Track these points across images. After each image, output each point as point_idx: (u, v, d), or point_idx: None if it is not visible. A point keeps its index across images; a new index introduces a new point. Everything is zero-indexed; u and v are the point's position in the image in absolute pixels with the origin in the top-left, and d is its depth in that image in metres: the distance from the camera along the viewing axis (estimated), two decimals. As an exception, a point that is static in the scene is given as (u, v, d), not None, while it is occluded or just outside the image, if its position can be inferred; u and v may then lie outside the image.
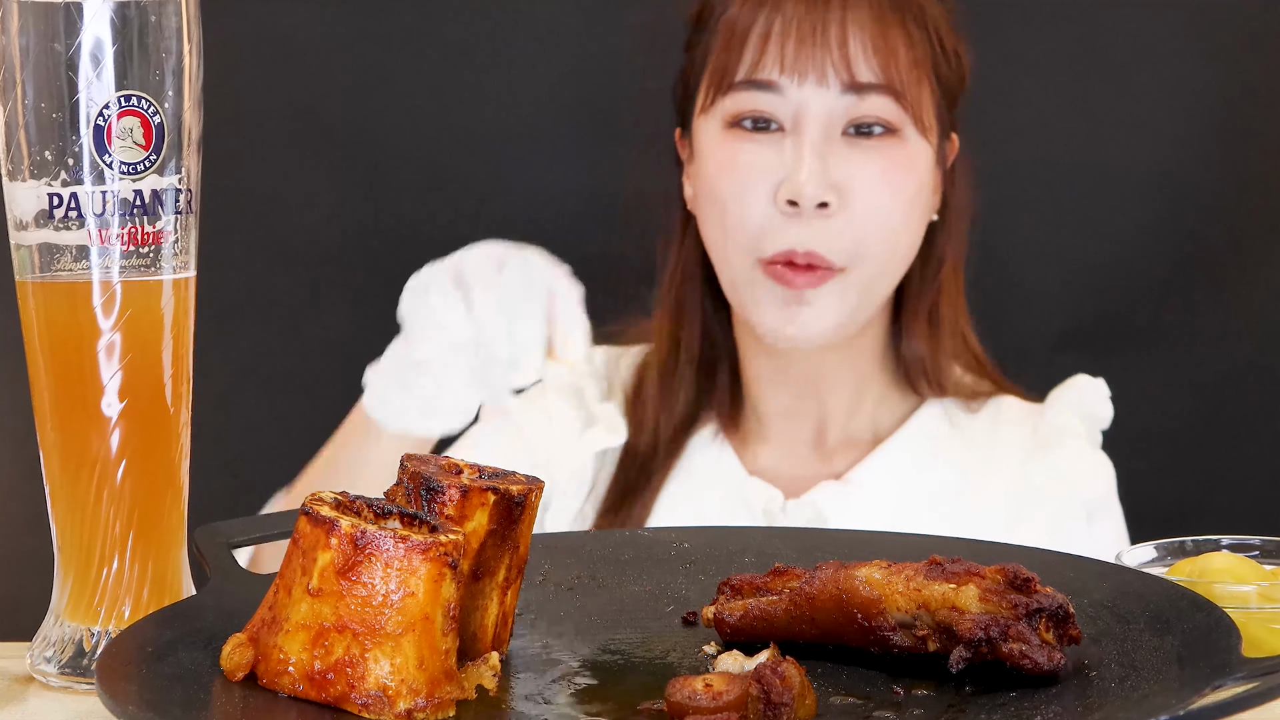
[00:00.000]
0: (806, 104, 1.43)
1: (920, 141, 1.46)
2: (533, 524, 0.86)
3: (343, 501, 0.81)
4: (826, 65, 1.43)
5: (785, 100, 1.44)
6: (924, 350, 1.54)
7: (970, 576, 0.81)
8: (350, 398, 1.76)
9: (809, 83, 1.43)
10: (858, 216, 1.43)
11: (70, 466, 0.92)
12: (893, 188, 1.45)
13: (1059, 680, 0.79)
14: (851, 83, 1.43)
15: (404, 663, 0.77)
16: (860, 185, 1.44)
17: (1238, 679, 0.74)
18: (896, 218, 1.45)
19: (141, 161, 0.91)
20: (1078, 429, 1.52)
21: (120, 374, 0.92)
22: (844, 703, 0.79)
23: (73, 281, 0.91)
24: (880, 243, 1.45)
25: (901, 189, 1.45)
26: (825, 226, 1.43)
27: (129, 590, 0.93)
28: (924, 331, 1.54)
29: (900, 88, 1.43)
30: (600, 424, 1.54)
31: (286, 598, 0.79)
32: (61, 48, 0.89)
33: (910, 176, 1.46)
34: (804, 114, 1.44)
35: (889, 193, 1.45)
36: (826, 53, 1.43)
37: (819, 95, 1.43)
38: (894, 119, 1.45)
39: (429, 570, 0.77)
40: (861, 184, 1.44)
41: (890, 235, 1.45)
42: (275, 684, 0.79)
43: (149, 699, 0.77)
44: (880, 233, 1.45)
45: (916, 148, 1.46)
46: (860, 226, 1.44)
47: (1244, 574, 0.92)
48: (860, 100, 1.43)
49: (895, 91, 1.43)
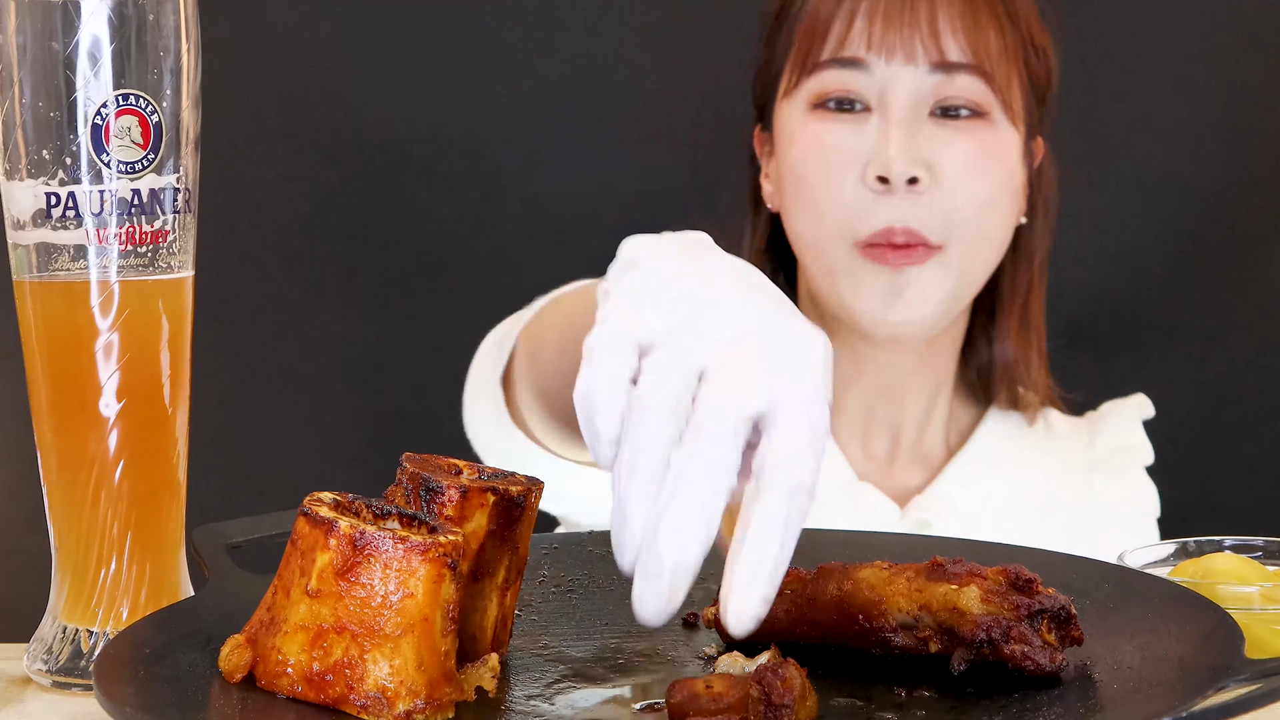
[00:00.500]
0: (894, 81, 1.41)
1: (1009, 128, 1.44)
2: (532, 525, 0.86)
3: (341, 502, 0.80)
4: (915, 43, 1.41)
5: (872, 78, 1.42)
6: (1014, 356, 1.52)
7: (972, 577, 0.81)
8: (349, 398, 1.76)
9: (897, 60, 1.41)
10: (948, 194, 1.41)
11: (68, 467, 0.92)
12: (981, 170, 1.42)
13: (1061, 682, 0.79)
14: (940, 61, 1.41)
15: (403, 664, 0.77)
16: (948, 164, 1.41)
17: (1240, 680, 0.73)
18: (985, 198, 1.43)
19: (139, 161, 0.91)
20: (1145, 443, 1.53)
21: (118, 374, 0.91)
22: (845, 704, 0.79)
23: (70, 281, 0.91)
24: (972, 221, 1.42)
25: (989, 172, 1.43)
26: (918, 203, 1.40)
27: (127, 591, 0.92)
28: (1016, 337, 1.52)
29: (990, 70, 1.42)
30: None
31: (285, 599, 0.79)
32: (59, 46, 0.89)
33: (998, 161, 1.44)
34: (891, 91, 1.41)
35: (978, 174, 1.42)
36: (915, 30, 1.41)
37: (907, 73, 1.41)
38: (983, 101, 1.42)
39: (428, 571, 0.77)
40: (950, 163, 1.41)
41: (981, 215, 1.43)
42: (274, 685, 0.78)
43: (147, 701, 0.76)
44: (971, 211, 1.42)
45: (1005, 134, 1.44)
46: (951, 204, 1.41)
47: (1247, 575, 0.92)
48: (949, 80, 1.42)
49: (985, 73, 1.42)
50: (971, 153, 1.42)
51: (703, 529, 0.71)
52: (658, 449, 0.71)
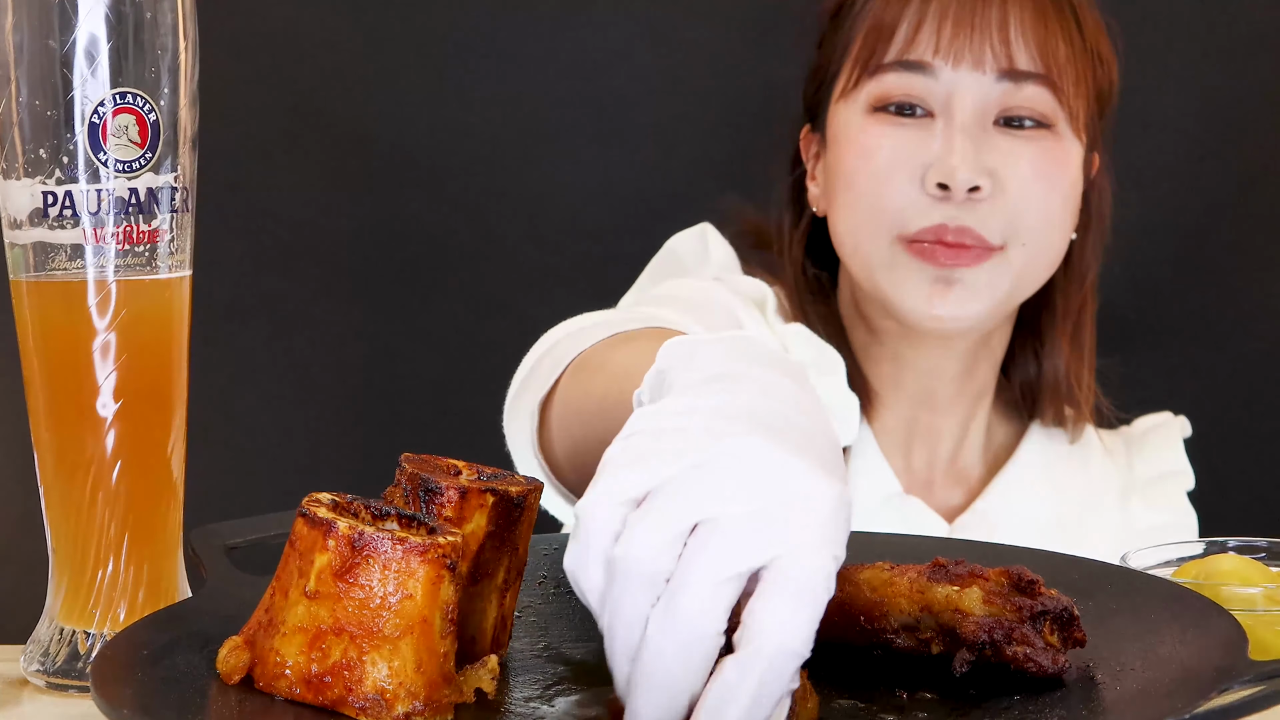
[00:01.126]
0: (960, 87, 1.39)
1: (1074, 140, 1.43)
2: (532, 526, 0.86)
3: (340, 503, 0.80)
4: (985, 50, 1.39)
5: (938, 83, 1.40)
6: (1065, 371, 1.51)
7: (974, 579, 0.81)
8: (347, 398, 1.76)
9: (964, 66, 1.39)
10: (1012, 202, 1.39)
11: (65, 468, 0.92)
12: (1047, 181, 1.41)
13: (1064, 684, 0.79)
14: (1009, 69, 1.39)
15: (402, 666, 0.77)
16: (1012, 174, 1.39)
17: (1244, 682, 0.73)
18: (1052, 207, 1.41)
19: (137, 159, 0.91)
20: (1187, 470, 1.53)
21: (115, 374, 0.91)
22: (847, 705, 0.79)
23: (68, 281, 0.91)
24: (1037, 227, 1.40)
25: (1056, 184, 1.41)
26: (977, 209, 1.39)
27: (124, 593, 0.92)
28: (1068, 352, 1.51)
29: (1058, 80, 1.40)
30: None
31: (283, 600, 0.79)
32: (56, 44, 0.89)
33: (1064, 172, 1.42)
34: (957, 98, 1.39)
35: (1043, 184, 1.40)
36: (986, 37, 1.39)
37: (974, 80, 1.39)
38: (1049, 112, 1.41)
39: (427, 572, 0.77)
40: (1014, 172, 1.39)
41: (1044, 225, 1.41)
42: (272, 687, 0.78)
43: (144, 703, 0.76)
44: (1036, 218, 1.40)
45: (1070, 145, 1.43)
46: (1015, 210, 1.39)
47: (1251, 576, 0.92)
48: (1016, 89, 1.40)
49: (1052, 84, 1.40)
50: (1037, 163, 1.40)
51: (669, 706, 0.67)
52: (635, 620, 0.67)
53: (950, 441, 1.51)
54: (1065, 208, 1.43)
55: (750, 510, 0.67)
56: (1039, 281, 1.45)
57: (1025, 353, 1.53)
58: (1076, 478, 1.53)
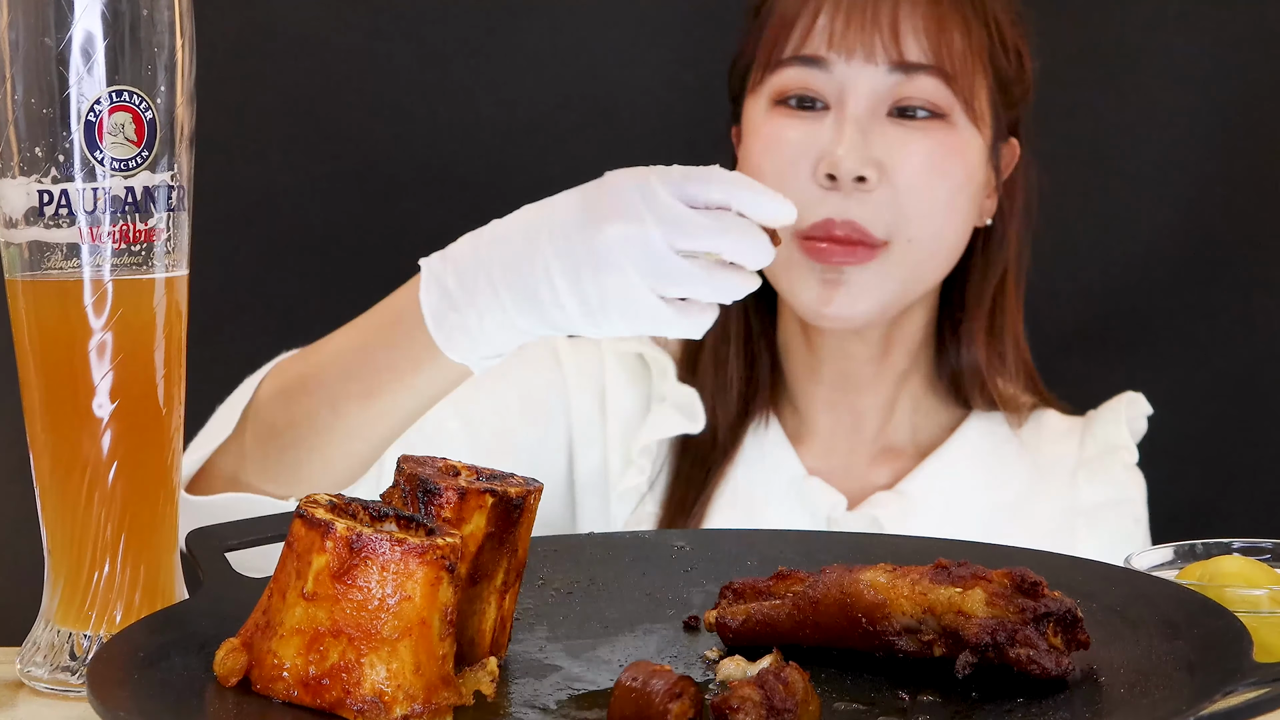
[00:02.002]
0: (853, 80, 1.41)
1: (970, 130, 1.44)
2: (531, 527, 0.86)
3: (338, 504, 0.80)
4: (875, 42, 1.41)
5: (831, 77, 1.42)
6: (981, 361, 1.51)
7: (977, 580, 0.81)
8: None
9: (856, 59, 1.41)
10: (899, 193, 1.41)
11: (61, 468, 0.92)
12: (938, 170, 1.42)
13: (1067, 686, 0.78)
14: (900, 61, 1.41)
15: (400, 668, 0.77)
16: (902, 163, 1.41)
17: (1249, 684, 0.73)
18: (941, 199, 1.42)
19: (133, 158, 0.90)
20: (1129, 443, 1.52)
21: (112, 374, 0.91)
22: (848, 709, 0.79)
23: (63, 280, 0.90)
24: (924, 220, 1.41)
25: (947, 173, 1.42)
26: (865, 200, 1.40)
27: (120, 594, 0.92)
28: (983, 342, 1.51)
29: (951, 71, 1.41)
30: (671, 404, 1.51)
31: (281, 602, 0.78)
32: (52, 42, 0.89)
33: (957, 162, 1.43)
34: (849, 90, 1.42)
35: (934, 174, 1.41)
36: (876, 30, 1.41)
37: (866, 72, 1.41)
38: (943, 103, 1.42)
39: (426, 574, 0.77)
40: (903, 162, 1.41)
41: (935, 215, 1.42)
42: (269, 690, 0.78)
43: (141, 705, 0.76)
44: (924, 210, 1.41)
45: (966, 135, 1.43)
46: (902, 202, 1.41)
47: (1255, 578, 0.92)
48: (908, 80, 1.41)
49: (945, 74, 1.41)
50: (928, 153, 1.41)
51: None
52: None
53: (874, 421, 1.52)
54: (958, 198, 1.44)
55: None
56: (936, 275, 1.46)
57: (945, 341, 1.53)
58: (1021, 462, 1.52)
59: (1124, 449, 1.51)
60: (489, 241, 1.14)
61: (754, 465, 1.50)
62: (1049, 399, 1.56)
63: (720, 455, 1.50)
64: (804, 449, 1.52)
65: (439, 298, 1.15)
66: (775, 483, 1.49)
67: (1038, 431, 1.54)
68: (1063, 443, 1.54)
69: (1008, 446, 1.53)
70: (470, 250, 1.15)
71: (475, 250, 1.14)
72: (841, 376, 1.51)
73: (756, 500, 1.48)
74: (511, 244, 1.13)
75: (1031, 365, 1.56)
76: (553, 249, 1.10)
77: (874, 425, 1.52)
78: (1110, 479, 1.51)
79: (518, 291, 1.11)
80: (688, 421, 1.48)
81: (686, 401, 1.49)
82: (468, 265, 1.14)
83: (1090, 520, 1.50)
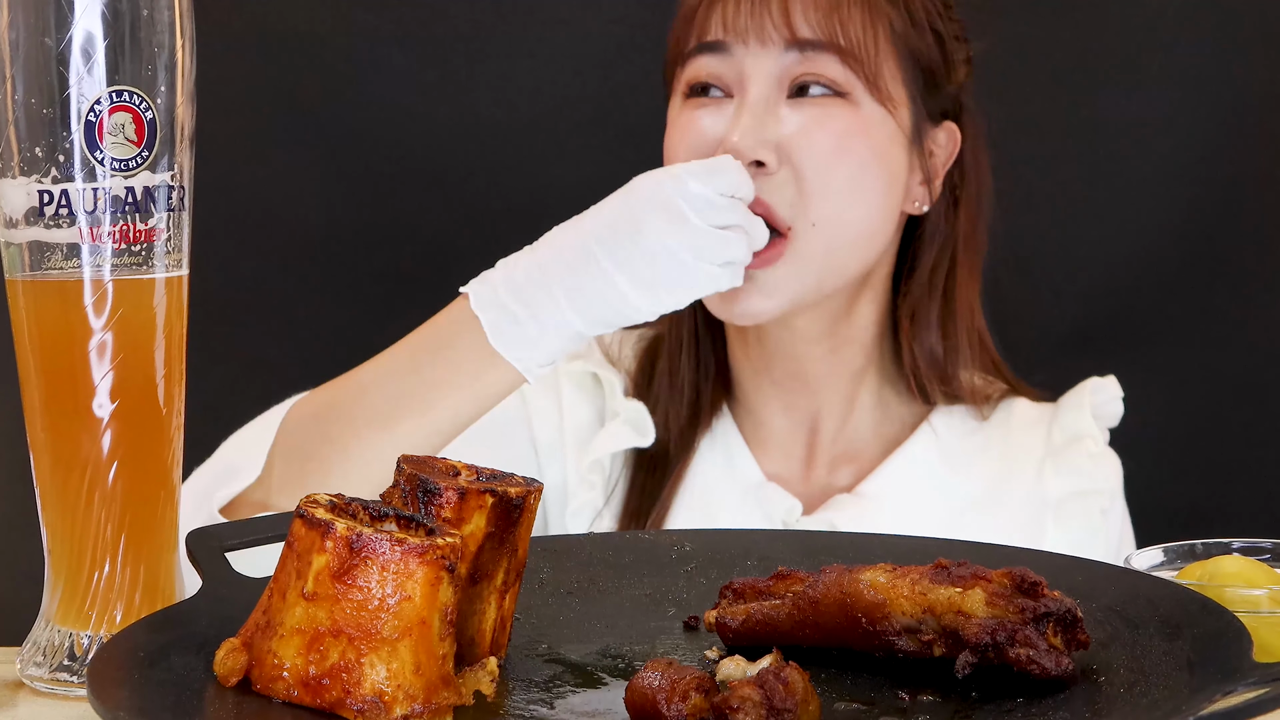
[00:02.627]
0: (751, 64, 1.40)
1: (876, 109, 1.41)
2: (531, 527, 0.86)
3: (338, 504, 0.80)
4: (766, 23, 1.39)
5: (733, 62, 1.41)
6: (939, 352, 1.49)
7: (977, 580, 0.81)
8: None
9: (752, 42, 1.40)
10: (800, 174, 1.38)
11: (61, 468, 0.92)
12: (840, 149, 1.39)
13: (1067, 686, 0.78)
14: (793, 39, 1.39)
15: (400, 668, 0.77)
16: (801, 144, 1.38)
17: (1248, 684, 0.73)
18: (844, 178, 1.39)
19: (133, 158, 0.90)
20: (1093, 431, 1.50)
21: (112, 374, 0.91)
22: (848, 709, 0.79)
23: (63, 280, 0.90)
24: (826, 201, 1.38)
25: (850, 151, 1.39)
26: (765, 183, 1.37)
27: (120, 594, 0.92)
28: (938, 333, 1.49)
29: (848, 47, 1.39)
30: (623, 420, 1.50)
31: (281, 602, 0.78)
32: (52, 42, 0.89)
33: (860, 140, 1.40)
34: (747, 74, 1.40)
35: (835, 153, 1.38)
36: (766, 10, 1.39)
37: (761, 55, 1.40)
38: (841, 80, 1.39)
39: (426, 574, 0.77)
40: (803, 143, 1.38)
41: (837, 196, 1.39)
42: (269, 690, 0.78)
43: (141, 705, 0.76)
44: (825, 190, 1.38)
45: (870, 114, 1.40)
46: (803, 183, 1.38)
47: (1255, 578, 0.92)
48: (804, 59, 1.39)
49: (841, 50, 1.39)
50: (828, 132, 1.39)
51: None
52: None
53: (832, 421, 1.50)
54: (864, 177, 1.40)
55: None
56: (854, 263, 1.43)
57: (899, 335, 1.51)
58: (989, 453, 1.51)
59: (1088, 437, 1.49)
60: (540, 259, 1.27)
61: (712, 472, 1.49)
62: (1019, 386, 1.54)
63: (675, 463, 1.49)
64: (763, 454, 1.51)
65: (497, 314, 1.26)
66: (733, 489, 1.49)
67: (1007, 420, 1.52)
68: (1032, 432, 1.51)
69: (973, 439, 1.51)
70: (520, 269, 1.27)
71: (526, 268, 1.27)
72: (793, 378, 1.49)
73: (713, 507, 1.47)
74: (564, 257, 1.26)
75: (995, 353, 1.53)
76: (607, 254, 1.25)
77: (832, 425, 1.50)
78: (1075, 469, 1.49)
79: (582, 297, 1.25)
80: (637, 436, 1.48)
81: (636, 416, 1.48)
82: (522, 282, 1.26)
83: (1057, 513, 1.48)
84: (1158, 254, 1.86)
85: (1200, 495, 1.57)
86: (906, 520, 1.44)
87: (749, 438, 1.51)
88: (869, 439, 1.51)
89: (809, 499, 1.48)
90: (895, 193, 1.44)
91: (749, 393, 1.52)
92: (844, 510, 1.45)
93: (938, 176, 1.48)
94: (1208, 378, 1.86)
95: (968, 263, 1.50)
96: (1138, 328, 1.86)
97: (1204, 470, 1.58)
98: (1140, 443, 1.55)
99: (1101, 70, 1.85)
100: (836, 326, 1.48)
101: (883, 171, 1.42)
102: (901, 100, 1.42)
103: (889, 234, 1.45)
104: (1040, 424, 1.51)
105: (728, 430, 1.51)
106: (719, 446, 1.50)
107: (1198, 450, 1.61)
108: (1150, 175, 1.86)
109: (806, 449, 1.51)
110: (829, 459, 1.51)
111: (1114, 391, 1.51)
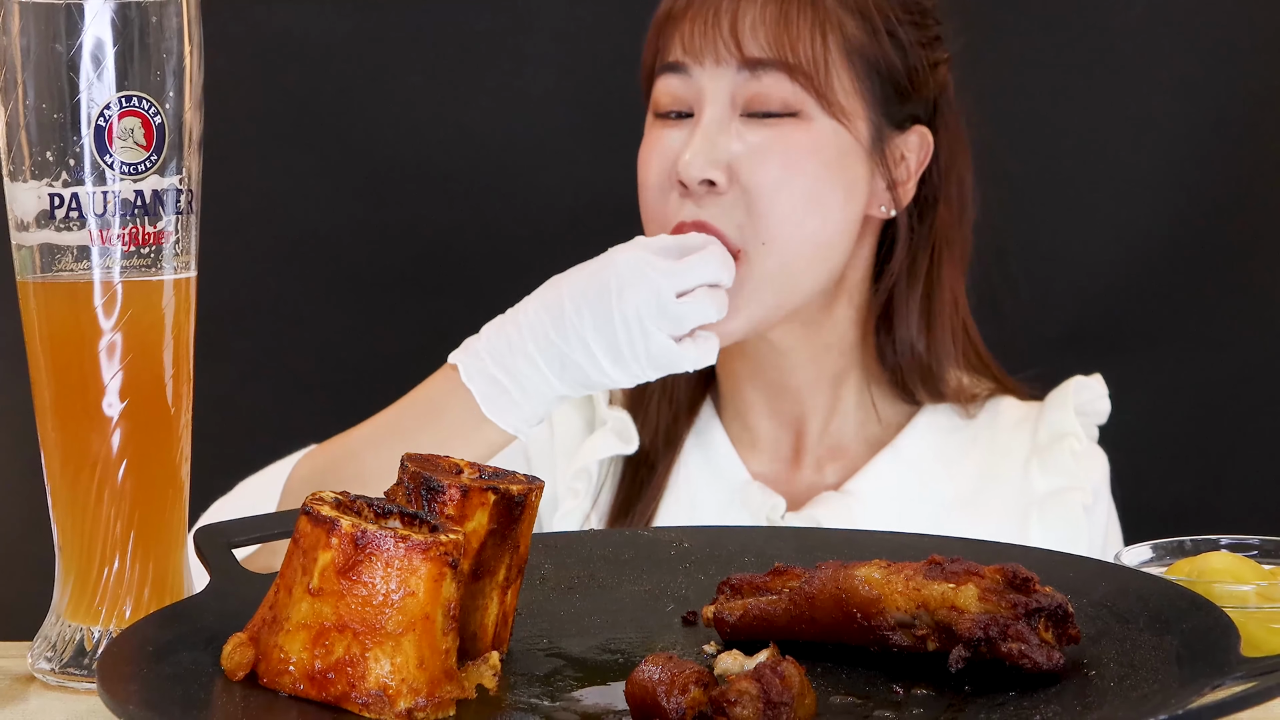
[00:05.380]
0: (708, 84, 1.41)
1: (829, 122, 1.41)
2: (533, 524, 0.86)
3: (343, 501, 0.80)
4: (717, 42, 1.40)
5: (692, 83, 1.42)
6: (922, 352, 1.50)
7: (969, 576, 0.81)
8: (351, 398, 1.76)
9: (708, 62, 1.41)
10: (749, 195, 1.39)
11: (71, 466, 0.92)
12: (789, 169, 1.39)
13: (1058, 680, 0.79)
14: (744, 60, 1.40)
15: (404, 662, 0.77)
16: (751, 164, 1.39)
17: (1236, 679, 0.74)
18: (794, 198, 1.39)
19: (142, 162, 0.91)
20: (1076, 429, 1.50)
21: (121, 374, 0.92)
22: (844, 702, 0.79)
23: (74, 282, 0.91)
24: (776, 222, 1.39)
25: (799, 171, 1.39)
26: (715, 203, 1.39)
27: (130, 590, 0.93)
28: (921, 333, 1.50)
29: (797, 64, 1.40)
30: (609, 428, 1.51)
31: (287, 597, 0.79)
32: (62, 48, 0.89)
33: (811, 159, 1.40)
34: (704, 94, 1.41)
35: (784, 173, 1.39)
36: (717, 31, 1.40)
37: (716, 74, 1.41)
38: (792, 99, 1.40)
39: (429, 570, 0.77)
40: (752, 163, 1.39)
41: (788, 217, 1.39)
42: (276, 683, 0.79)
43: (150, 699, 0.77)
44: (774, 210, 1.39)
45: (823, 128, 1.41)
46: (752, 204, 1.38)
47: (1243, 574, 0.92)
48: (754, 78, 1.40)
49: (789, 67, 1.39)
50: (776, 153, 1.39)
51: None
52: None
53: (817, 423, 1.51)
54: (816, 191, 1.41)
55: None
56: (815, 276, 1.43)
57: (881, 337, 1.51)
58: (975, 452, 1.51)
59: (1071, 436, 1.49)
60: (519, 326, 1.30)
61: (698, 473, 1.51)
62: (1007, 383, 1.54)
63: (662, 466, 1.50)
64: (750, 455, 1.52)
65: (486, 384, 1.30)
66: (719, 490, 1.49)
67: (994, 419, 1.53)
68: (1018, 431, 1.51)
69: (959, 437, 1.52)
70: (501, 338, 1.31)
71: (508, 337, 1.30)
72: (776, 384, 1.51)
73: (699, 507, 1.48)
74: (542, 324, 1.29)
75: (984, 352, 1.54)
76: (582, 322, 1.28)
77: (817, 426, 1.51)
78: (1059, 468, 1.49)
79: (557, 362, 1.29)
80: (622, 444, 1.49)
81: (621, 425, 1.50)
82: (503, 350, 1.30)
83: (1041, 510, 1.49)
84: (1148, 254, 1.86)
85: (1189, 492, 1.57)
86: (892, 518, 1.45)
87: (735, 439, 1.52)
88: (855, 438, 1.52)
89: (795, 498, 1.49)
90: (855, 202, 1.44)
91: (735, 397, 1.53)
92: (829, 507, 1.46)
93: (909, 180, 1.48)
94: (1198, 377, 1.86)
95: (950, 261, 1.50)
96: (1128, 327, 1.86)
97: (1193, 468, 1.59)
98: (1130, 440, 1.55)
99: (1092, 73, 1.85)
100: (814, 334, 1.48)
101: (837, 184, 1.42)
102: (857, 111, 1.43)
103: (847, 243, 1.45)
104: (1026, 423, 1.52)
105: (715, 432, 1.52)
106: (705, 448, 1.52)
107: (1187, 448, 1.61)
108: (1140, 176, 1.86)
109: (793, 449, 1.52)
110: (815, 459, 1.51)
111: (1099, 390, 1.51)
